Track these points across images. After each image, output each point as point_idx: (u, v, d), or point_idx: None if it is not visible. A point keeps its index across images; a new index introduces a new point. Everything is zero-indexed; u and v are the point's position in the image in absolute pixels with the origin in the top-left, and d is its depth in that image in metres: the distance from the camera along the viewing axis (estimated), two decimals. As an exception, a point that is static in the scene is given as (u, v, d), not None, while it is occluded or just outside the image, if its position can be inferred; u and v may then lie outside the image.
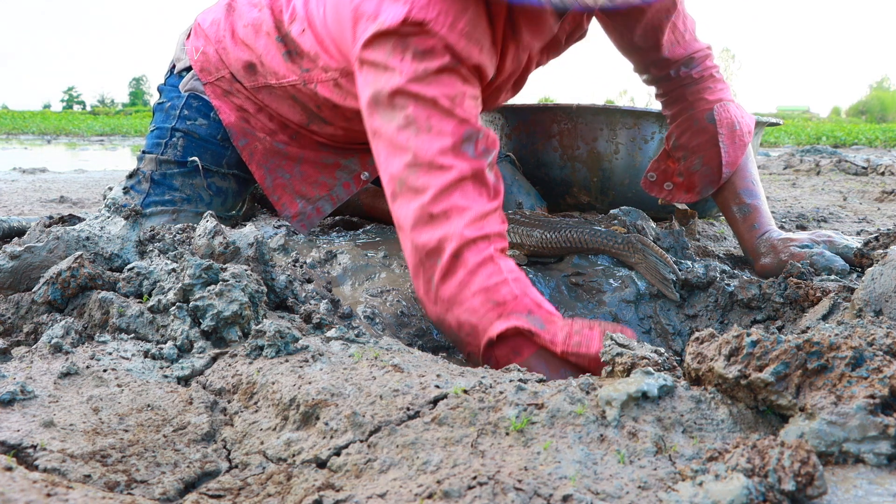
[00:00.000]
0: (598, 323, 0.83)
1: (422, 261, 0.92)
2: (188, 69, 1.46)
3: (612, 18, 1.38)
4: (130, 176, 1.42)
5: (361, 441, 0.53)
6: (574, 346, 0.82)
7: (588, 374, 0.65)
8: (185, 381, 0.69)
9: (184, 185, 1.40)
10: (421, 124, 0.94)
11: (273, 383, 0.63)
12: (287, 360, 0.67)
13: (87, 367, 0.68)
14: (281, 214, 1.43)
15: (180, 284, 0.78)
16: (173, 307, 0.76)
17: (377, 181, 1.59)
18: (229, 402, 0.65)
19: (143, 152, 1.43)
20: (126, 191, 1.40)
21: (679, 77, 1.41)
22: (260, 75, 1.37)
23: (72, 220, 1.01)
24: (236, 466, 0.55)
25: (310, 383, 0.61)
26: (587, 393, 0.55)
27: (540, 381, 0.63)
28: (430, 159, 0.92)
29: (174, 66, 1.50)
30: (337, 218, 1.77)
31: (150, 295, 0.81)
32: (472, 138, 0.95)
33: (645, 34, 1.36)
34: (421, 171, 0.93)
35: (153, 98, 1.59)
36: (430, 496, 0.44)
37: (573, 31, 1.31)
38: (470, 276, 0.88)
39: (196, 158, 1.40)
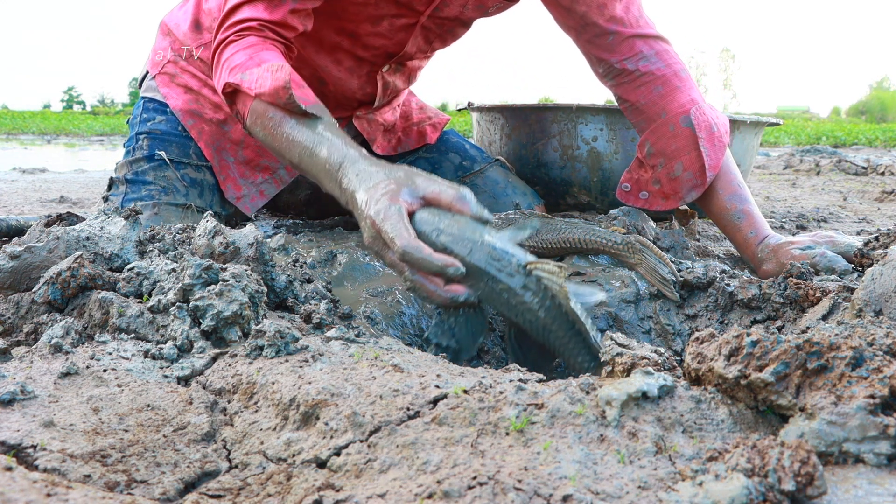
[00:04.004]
0: (282, 68, 1.03)
1: (210, 57, 1.19)
2: (146, 75, 1.56)
3: None
4: (108, 187, 1.47)
5: (361, 441, 0.53)
6: (258, 86, 1.03)
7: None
8: (185, 381, 0.69)
9: (157, 179, 1.43)
10: None
11: (273, 383, 0.63)
12: (287, 360, 0.67)
13: (87, 367, 0.68)
14: (226, 195, 1.47)
15: (180, 284, 0.78)
16: (173, 307, 0.76)
17: None
18: (229, 402, 0.65)
19: (117, 164, 1.49)
20: (106, 199, 1.44)
21: (639, 72, 1.37)
22: (206, 29, 1.46)
23: (70, 218, 1.01)
24: (236, 466, 0.55)
25: (310, 383, 0.61)
26: (587, 393, 0.55)
27: (540, 381, 0.63)
28: None
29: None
30: (337, 218, 1.77)
31: (150, 295, 0.81)
32: None
33: (588, 8, 1.35)
34: None
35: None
36: (430, 496, 0.44)
37: None
38: (220, 56, 1.13)
39: (162, 153, 1.44)
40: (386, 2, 1.31)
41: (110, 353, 0.71)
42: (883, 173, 3.66)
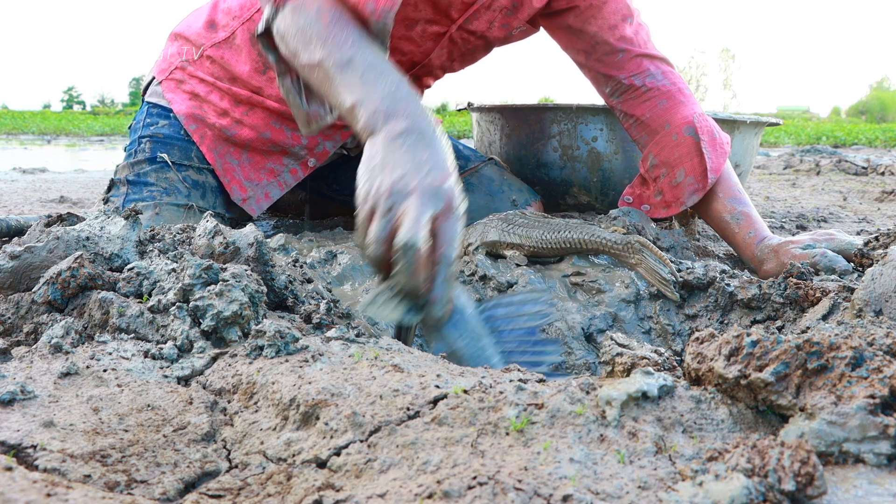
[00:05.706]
0: None
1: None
2: (152, 81, 1.56)
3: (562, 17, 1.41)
4: (108, 189, 1.48)
5: (361, 441, 0.53)
6: None
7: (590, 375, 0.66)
8: (185, 381, 0.69)
9: (159, 180, 1.43)
10: None
11: (273, 383, 0.63)
12: (287, 360, 0.67)
13: (87, 367, 0.68)
14: (232, 197, 1.48)
15: (180, 284, 0.78)
16: (173, 307, 0.76)
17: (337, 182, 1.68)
18: (229, 402, 0.65)
19: (117, 166, 1.50)
20: (106, 201, 1.45)
21: (645, 87, 1.42)
22: (221, 28, 1.46)
23: (70, 218, 1.01)
24: (236, 466, 0.55)
25: (310, 383, 0.61)
26: (587, 393, 0.55)
27: (540, 381, 0.63)
28: None
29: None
30: (337, 218, 1.78)
31: (150, 295, 0.81)
32: None
33: (600, 29, 1.40)
34: None
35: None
36: (430, 496, 0.44)
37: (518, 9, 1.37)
38: None
39: (164, 155, 1.45)
40: (425, 4, 1.32)
41: (110, 353, 0.71)
42: (883, 173, 3.66)
